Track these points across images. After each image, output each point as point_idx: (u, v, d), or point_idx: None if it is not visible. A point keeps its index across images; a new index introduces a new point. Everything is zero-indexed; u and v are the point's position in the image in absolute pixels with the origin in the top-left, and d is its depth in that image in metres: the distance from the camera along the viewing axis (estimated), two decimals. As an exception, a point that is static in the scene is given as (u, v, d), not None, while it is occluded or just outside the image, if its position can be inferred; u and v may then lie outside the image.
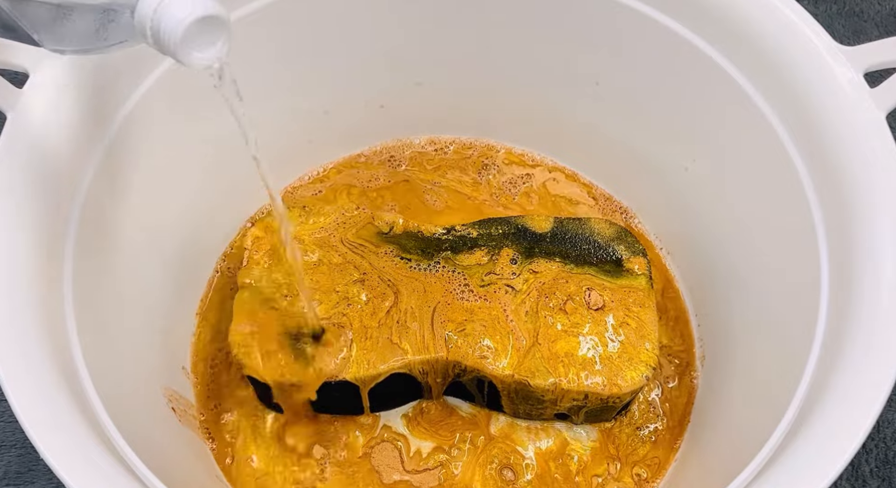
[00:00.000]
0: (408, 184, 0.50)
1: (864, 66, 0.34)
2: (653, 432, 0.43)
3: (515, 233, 0.43)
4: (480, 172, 0.51)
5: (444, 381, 0.42)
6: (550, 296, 0.41)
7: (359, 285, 0.41)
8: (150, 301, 0.42)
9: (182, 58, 0.27)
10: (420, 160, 0.51)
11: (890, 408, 0.46)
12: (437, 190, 0.50)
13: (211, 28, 0.26)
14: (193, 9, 0.26)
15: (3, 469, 0.43)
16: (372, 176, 0.51)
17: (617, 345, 0.40)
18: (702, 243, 0.46)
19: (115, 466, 0.29)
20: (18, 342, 0.30)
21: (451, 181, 0.51)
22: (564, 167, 0.51)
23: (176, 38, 0.26)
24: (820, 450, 0.29)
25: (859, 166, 0.33)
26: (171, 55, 0.27)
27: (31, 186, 0.32)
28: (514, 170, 0.51)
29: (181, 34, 0.26)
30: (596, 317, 0.40)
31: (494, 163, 0.51)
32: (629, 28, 0.41)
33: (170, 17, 0.26)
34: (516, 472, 0.42)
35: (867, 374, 0.30)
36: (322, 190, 0.50)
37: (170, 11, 0.26)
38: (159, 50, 0.27)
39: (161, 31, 0.26)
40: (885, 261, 0.32)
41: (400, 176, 0.51)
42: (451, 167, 0.51)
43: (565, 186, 0.51)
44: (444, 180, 0.51)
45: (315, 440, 0.42)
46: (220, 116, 0.43)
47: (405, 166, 0.51)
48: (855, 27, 0.59)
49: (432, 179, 0.51)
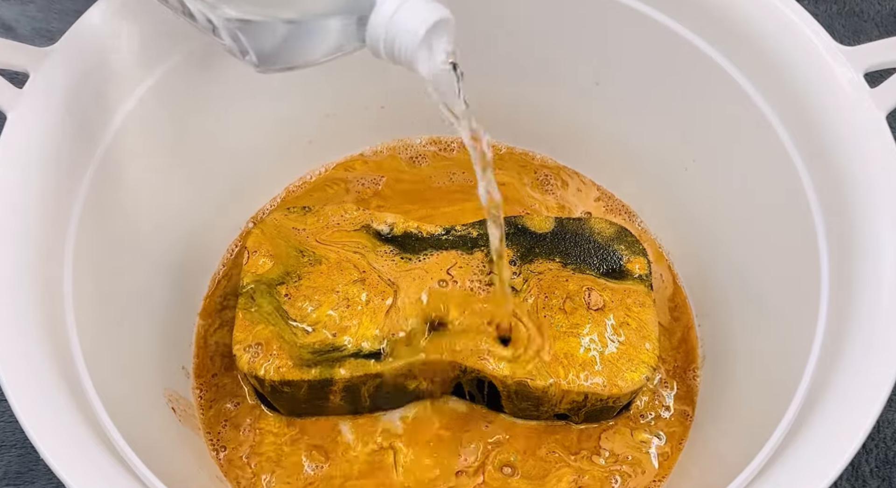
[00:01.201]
0: (408, 184, 0.50)
1: (864, 66, 0.34)
2: (653, 432, 0.43)
3: (515, 233, 0.43)
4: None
5: (444, 382, 0.42)
6: (550, 296, 0.41)
7: (359, 285, 0.41)
8: (150, 301, 0.42)
9: (419, 66, 0.26)
10: (420, 160, 0.51)
11: (890, 408, 0.46)
12: (437, 189, 0.50)
13: (438, 29, 0.26)
14: (426, 17, 0.25)
15: (3, 469, 0.43)
16: (372, 176, 0.51)
17: (617, 345, 0.40)
18: (702, 243, 0.46)
19: (115, 466, 0.29)
20: (18, 342, 0.30)
21: (452, 181, 0.51)
22: (565, 166, 0.51)
23: (412, 50, 0.26)
24: (820, 450, 0.29)
25: (859, 166, 0.33)
26: (405, 65, 0.26)
27: (31, 186, 0.32)
28: (515, 170, 0.51)
29: (417, 45, 0.25)
30: (596, 318, 0.40)
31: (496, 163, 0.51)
32: (629, 28, 0.41)
33: (404, 33, 0.25)
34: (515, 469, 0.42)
35: (867, 374, 0.30)
36: (323, 190, 0.50)
37: (403, 26, 0.25)
38: (392, 61, 0.26)
39: (396, 46, 0.26)
40: (885, 261, 0.32)
41: (400, 176, 0.51)
42: (452, 167, 0.51)
43: (566, 186, 0.51)
44: (445, 180, 0.51)
45: (314, 441, 0.42)
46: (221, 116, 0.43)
47: (406, 166, 0.51)
48: (855, 27, 0.59)
49: (432, 179, 0.51)
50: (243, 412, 0.43)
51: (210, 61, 0.40)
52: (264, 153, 0.47)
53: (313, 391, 0.40)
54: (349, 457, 0.42)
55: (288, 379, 0.38)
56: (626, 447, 0.42)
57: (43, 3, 0.58)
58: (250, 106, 0.44)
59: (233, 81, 0.42)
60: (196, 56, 0.39)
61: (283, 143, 0.48)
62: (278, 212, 0.44)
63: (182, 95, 0.39)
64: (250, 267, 0.41)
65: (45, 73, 0.34)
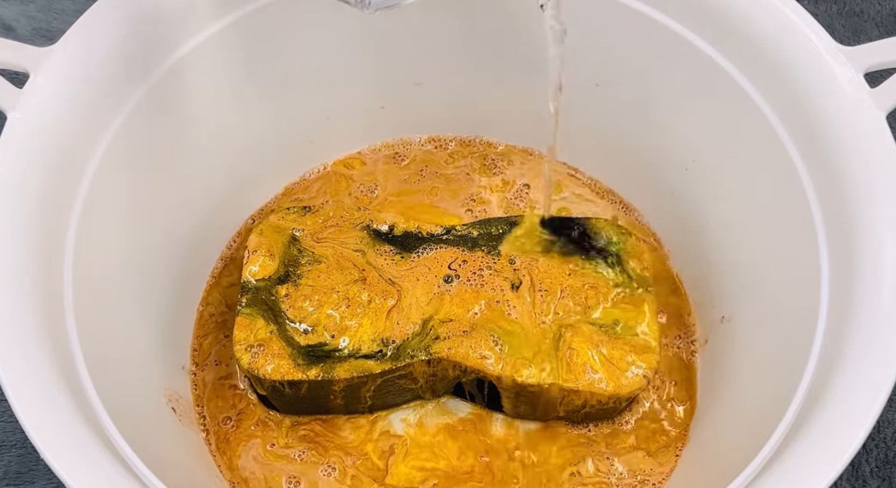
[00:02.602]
0: (408, 184, 0.50)
1: (864, 66, 0.34)
2: (653, 432, 0.43)
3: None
4: (481, 171, 0.51)
5: (444, 382, 0.42)
6: (550, 296, 0.41)
7: (359, 285, 0.41)
8: (150, 300, 0.42)
9: None
10: (421, 159, 0.51)
11: (890, 408, 0.46)
12: (437, 189, 0.50)
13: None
14: None
15: (3, 469, 0.43)
16: (372, 175, 0.51)
17: (617, 345, 0.40)
18: (702, 243, 0.46)
19: (115, 466, 0.29)
20: (18, 342, 0.30)
21: (452, 180, 0.51)
22: (565, 165, 0.51)
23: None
24: (820, 450, 0.29)
25: (859, 166, 0.33)
26: None
27: (32, 186, 0.32)
28: (516, 169, 0.51)
29: None
30: (596, 318, 0.40)
31: (496, 161, 0.51)
32: (629, 28, 0.41)
33: None
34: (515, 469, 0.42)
35: (867, 374, 0.30)
36: (323, 190, 0.50)
37: None
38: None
39: None
40: (886, 261, 0.32)
41: (400, 175, 0.51)
42: (452, 166, 0.51)
43: (566, 185, 0.51)
44: (445, 179, 0.51)
45: (314, 440, 0.42)
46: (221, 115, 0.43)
47: (406, 165, 0.51)
48: (855, 27, 0.59)
49: (433, 178, 0.51)
50: (243, 412, 0.43)
51: (210, 61, 0.40)
52: (264, 153, 0.47)
53: (313, 391, 0.40)
54: (348, 456, 0.42)
55: (288, 379, 0.38)
56: (626, 448, 0.42)
57: (43, 3, 0.58)
58: (251, 106, 0.44)
59: (233, 81, 0.42)
60: (196, 56, 0.39)
61: (282, 143, 0.48)
62: (278, 212, 0.44)
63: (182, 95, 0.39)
64: (250, 266, 0.41)
65: (45, 73, 0.33)
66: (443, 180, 0.51)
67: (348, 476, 0.42)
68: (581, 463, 0.42)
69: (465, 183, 0.51)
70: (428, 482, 0.41)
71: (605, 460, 0.42)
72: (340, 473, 0.42)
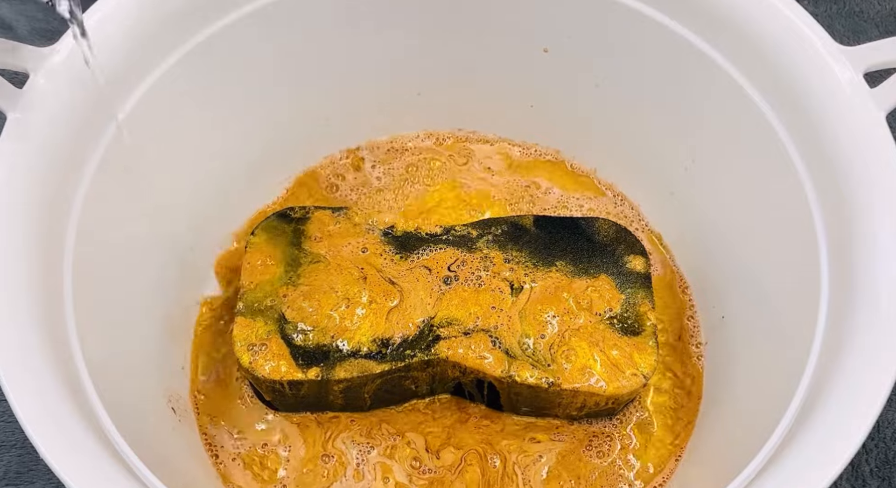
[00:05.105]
0: (408, 184, 0.50)
1: (864, 66, 0.34)
2: (653, 432, 0.43)
3: (516, 233, 0.43)
4: (482, 171, 0.51)
5: (444, 382, 0.42)
6: (550, 296, 0.41)
7: (359, 285, 0.41)
8: (150, 301, 0.42)
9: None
10: (420, 158, 0.51)
11: (890, 408, 0.46)
12: (437, 189, 0.50)
13: None
14: None
15: (3, 469, 0.43)
16: (372, 175, 0.51)
17: (617, 345, 0.40)
18: (702, 244, 0.46)
19: (115, 466, 0.29)
20: (18, 342, 0.30)
21: (453, 180, 0.51)
22: (565, 165, 0.51)
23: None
24: (820, 450, 0.29)
25: (859, 166, 0.33)
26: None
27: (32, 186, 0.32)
28: (516, 170, 0.51)
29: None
30: (595, 318, 0.40)
31: (496, 161, 0.51)
32: (629, 28, 0.41)
33: None
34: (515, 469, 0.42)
35: (867, 374, 0.30)
36: (322, 190, 0.50)
37: None
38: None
39: None
40: (885, 262, 0.32)
41: (400, 175, 0.51)
42: (453, 165, 0.51)
43: (565, 185, 0.51)
44: (445, 179, 0.51)
45: (314, 440, 0.42)
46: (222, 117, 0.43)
47: (405, 165, 0.51)
48: (855, 27, 0.59)
49: (433, 178, 0.51)
50: (243, 411, 0.43)
51: (210, 62, 0.40)
52: (264, 154, 0.47)
53: (313, 390, 0.40)
54: (349, 456, 0.42)
55: (288, 379, 0.38)
56: (626, 448, 0.42)
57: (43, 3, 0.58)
58: (250, 107, 0.45)
59: (233, 83, 0.42)
60: (195, 57, 0.39)
61: (282, 145, 0.48)
62: (278, 212, 0.44)
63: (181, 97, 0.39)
64: (250, 267, 0.41)
65: (45, 73, 0.33)
66: (443, 180, 0.51)
67: (348, 473, 0.42)
68: (581, 464, 0.42)
69: (465, 182, 0.51)
70: (428, 480, 0.41)
71: (605, 461, 0.42)
72: (339, 471, 0.42)
